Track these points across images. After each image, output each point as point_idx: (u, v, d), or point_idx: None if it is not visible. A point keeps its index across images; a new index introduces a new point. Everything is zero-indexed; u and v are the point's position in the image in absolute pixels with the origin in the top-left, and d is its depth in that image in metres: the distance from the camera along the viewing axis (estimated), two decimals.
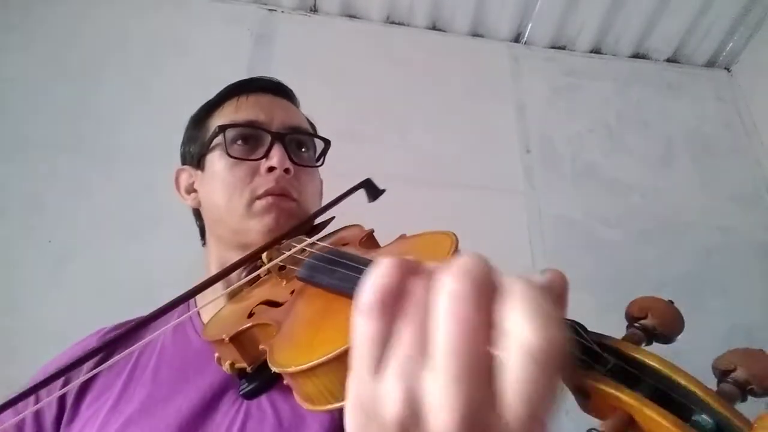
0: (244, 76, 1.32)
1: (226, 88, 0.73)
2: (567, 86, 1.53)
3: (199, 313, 0.67)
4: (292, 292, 0.50)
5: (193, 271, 0.87)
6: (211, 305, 0.65)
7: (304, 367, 0.34)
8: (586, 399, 0.24)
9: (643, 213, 1.38)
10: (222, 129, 0.65)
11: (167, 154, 1.22)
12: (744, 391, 0.24)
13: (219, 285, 0.65)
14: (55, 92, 1.23)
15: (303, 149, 0.70)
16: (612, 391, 0.23)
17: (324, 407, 0.35)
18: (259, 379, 0.51)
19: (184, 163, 0.74)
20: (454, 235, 0.43)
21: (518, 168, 1.38)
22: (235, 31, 1.40)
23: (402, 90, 1.41)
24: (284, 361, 0.37)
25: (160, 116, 1.24)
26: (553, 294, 0.26)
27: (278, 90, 0.74)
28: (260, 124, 0.65)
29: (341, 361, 0.32)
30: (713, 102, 1.59)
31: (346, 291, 0.40)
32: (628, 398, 0.23)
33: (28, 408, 0.60)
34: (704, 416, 0.22)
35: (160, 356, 0.61)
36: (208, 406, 0.53)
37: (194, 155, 0.71)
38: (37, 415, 0.60)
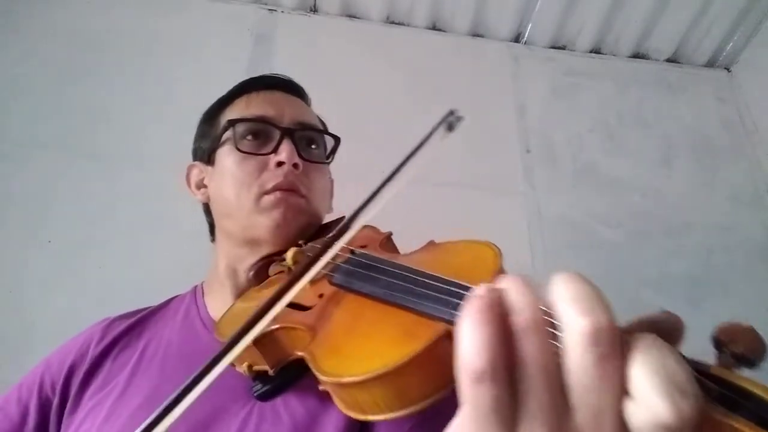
0: (244, 76, 1.32)
1: (237, 85, 0.73)
2: (567, 86, 1.53)
3: (206, 307, 0.67)
4: (321, 296, 0.48)
5: (193, 271, 0.87)
6: (218, 299, 0.66)
7: (360, 378, 0.33)
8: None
9: (643, 213, 1.38)
10: (232, 123, 0.65)
11: (167, 153, 1.22)
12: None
13: (226, 281, 0.65)
14: (55, 92, 1.23)
15: (313, 146, 0.69)
16: (722, 419, 0.23)
17: (376, 417, 0.35)
18: (275, 382, 0.50)
19: (195, 159, 0.74)
20: (496, 246, 0.41)
21: (518, 168, 1.38)
22: (235, 31, 1.40)
23: (402, 90, 1.41)
24: (334, 370, 0.36)
25: (160, 116, 1.25)
26: (674, 341, 0.26)
27: (289, 87, 0.74)
28: (270, 120, 0.65)
29: (399, 373, 0.32)
30: (713, 102, 1.59)
31: (393, 300, 0.39)
32: (739, 425, 0.23)
33: (32, 399, 0.60)
34: None
35: (167, 349, 0.61)
36: (219, 406, 0.52)
37: (205, 151, 0.70)
38: (42, 405, 0.60)
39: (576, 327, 0.23)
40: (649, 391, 0.21)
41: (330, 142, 0.73)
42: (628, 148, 1.47)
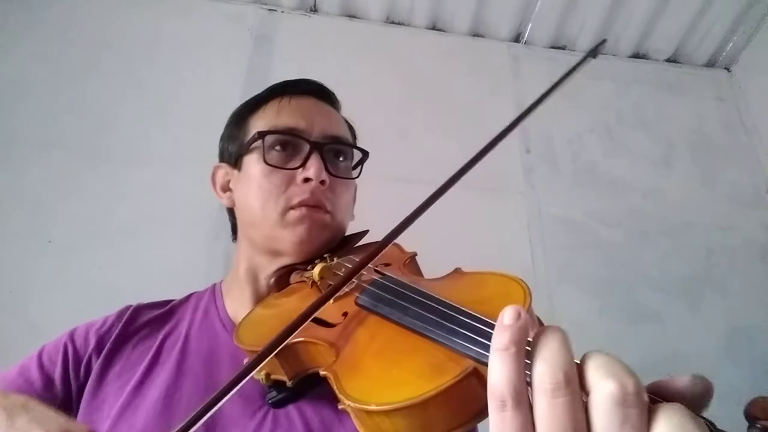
0: (244, 76, 1.34)
1: (268, 88, 0.72)
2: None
3: (225, 308, 0.67)
4: (345, 314, 0.48)
5: (193, 271, 0.87)
6: (237, 301, 0.66)
7: (387, 408, 0.34)
8: None
9: (643, 213, 1.38)
10: (261, 135, 0.64)
11: (168, 153, 1.23)
12: None
13: (246, 286, 0.66)
14: (55, 92, 1.23)
15: (341, 158, 0.69)
16: None
17: None
18: (290, 390, 0.50)
19: (221, 159, 0.73)
20: (526, 284, 0.41)
21: (518, 168, 1.38)
22: (235, 31, 1.40)
23: (402, 90, 1.41)
24: (361, 396, 0.37)
25: (160, 116, 1.25)
26: (700, 406, 0.27)
27: (321, 94, 0.73)
28: (300, 132, 0.65)
29: (426, 406, 0.33)
30: (713, 102, 1.59)
31: (422, 331, 0.39)
32: None
33: (55, 368, 0.60)
34: None
35: (185, 345, 0.61)
36: (233, 411, 0.53)
37: (232, 154, 0.70)
38: (65, 374, 0.60)
39: (604, 388, 0.25)
40: None
41: (358, 154, 0.73)
42: (628, 148, 1.47)
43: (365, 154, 0.72)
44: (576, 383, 0.25)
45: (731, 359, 1.21)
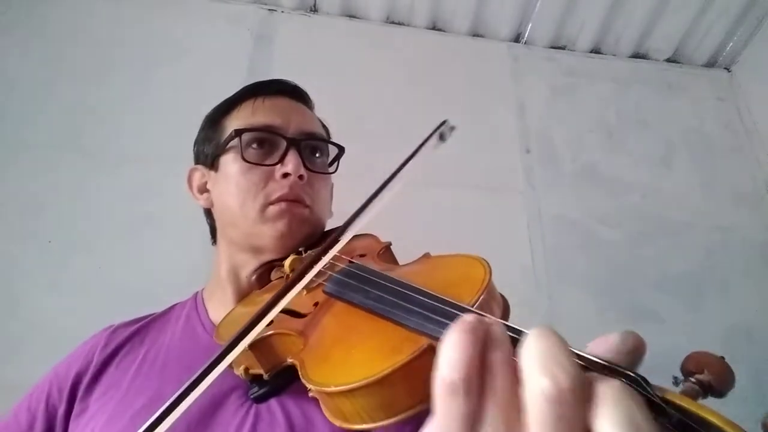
0: (244, 76, 1.34)
1: (242, 89, 0.73)
2: (567, 86, 1.53)
3: (206, 309, 0.68)
4: (316, 304, 0.50)
5: (193, 271, 0.87)
6: (219, 303, 0.67)
7: (345, 388, 0.35)
8: None
9: (643, 213, 1.38)
10: (238, 133, 0.65)
11: (168, 153, 1.22)
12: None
13: (228, 285, 0.66)
14: (55, 92, 1.23)
15: (317, 154, 0.71)
16: None
17: (359, 426, 0.36)
18: (271, 384, 0.51)
19: (197, 162, 0.74)
20: (487, 263, 0.42)
21: (518, 168, 1.38)
22: (235, 31, 1.40)
23: (402, 90, 1.41)
24: (321, 379, 0.38)
25: (160, 116, 1.25)
26: (634, 360, 0.27)
27: (295, 93, 0.74)
28: (276, 129, 0.66)
29: (382, 384, 0.34)
30: (713, 102, 1.59)
31: (382, 313, 0.41)
32: None
33: (39, 407, 0.62)
34: None
35: (168, 352, 0.62)
36: (216, 406, 0.54)
37: (208, 155, 0.71)
38: (48, 412, 0.61)
39: (536, 386, 0.23)
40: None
41: (333, 150, 0.74)
42: (627, 148, 1.47)
43: (341, 149, 0.74)
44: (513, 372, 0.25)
45: (731, 359, 1.21)
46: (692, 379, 0.28)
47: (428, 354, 0.33)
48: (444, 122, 0.39)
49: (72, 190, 1.13)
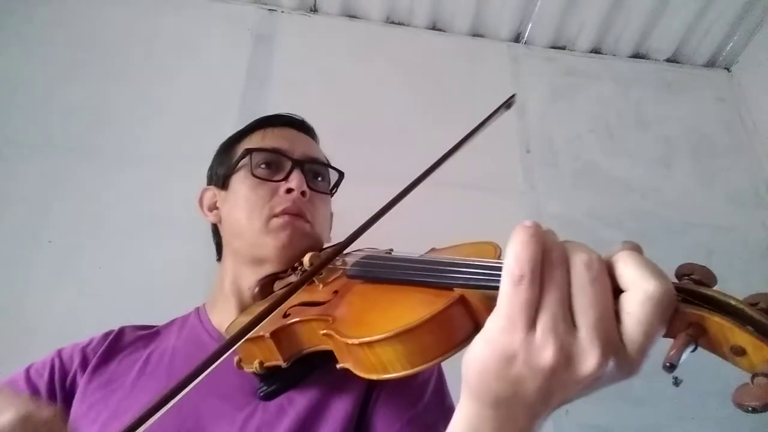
0: (244, 76, 1.34)
1: (254, 121, 0.80)
2: (567, 86, 1.53)
3: (210, 322, 0.71)
4: (335, 292, 0.52)
5: (193, 271, 0.87)
6: (222, 313, 0.70)
7: (387, 335, 0.37)
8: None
9: (643, 213, 1.38)
10: (249, 152, 0.71)
11: (168, 153, 1.23)
12: None
13: (231, 297, 0.70)
14: (56, 93, 1.23)
15: (319, 178, 0.76)
16: (686, 309, 0.31)
17: (397, 374, 0.38)
18: (279, 381, 0.53)
19: (209, 183, 0.80)
20: (497, 244, 0.46)
21: (518, 168, 1.38)
22: (235, 31, 1.40)
23: (402, 90, 1.41)
24: (363, 332, 0.39)
25: (160, 116, 1.25)
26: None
27: (302, 126, 0.80)
28: (284, 152, 0.72)
29: (423, 329, 0.37)
30: (713, 102, 1.59)
31: (411, 278, 0.43)
32: (699, 311, 0.31)
33: (41, 381, 0.64)
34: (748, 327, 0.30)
35: (174, 355, 0.65)
36: (224, 402, 0.56)
37: (220, 176, 0.76)
38: (50, 387, 0.63)
39: (577, 258, 0.32)
40: (640, 276, 0.31)
41: (334, 177, 0.80)
42: (627, 148, 1.47)
43: (341, 174, 0.80)
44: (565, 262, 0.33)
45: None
46: (686, 279, 0.35)
47: (461, 304, 0.37)
48: (513, 96, 0.44)
49: (71, 190, 1.14)
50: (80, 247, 1.08)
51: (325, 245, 0.74)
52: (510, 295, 0.31)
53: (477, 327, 0.35)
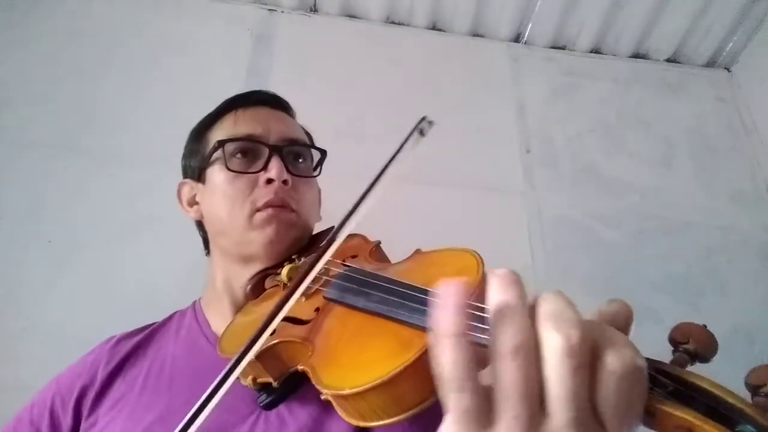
0: (244, 76, 1.34)
1: (224, 102, 0.75)
2: (567, 86, 1.53)
3: (208, 323, 0.68)
4: (317, 310, 0.50)
5: (193, 272, 0.87)
6: (218, 313, 0.68)
7: (359, 389, 0.36)
8: (651, 418, 0.28)
9: (643, 213, 1.38)
10: (221, 144, 0.66)
11: (167, 154, 1.22)
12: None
13: (224, 296, 0.67)
14: (55, 92, 1.23)
15: (300, 160, 0.71)
16: (676, 412, 0.26)
17: (376, 423, 0.37)
18: (280, 391, 0.52)
19: (185, 176, 0.76)
20: (478, 254, 0.43)
21: (518, 168, 1.38)
22: (235, 31, 1.40)
23: (402, 90, 1.41)
24: (335, 383, 0.39)
25: (160, 116, 1.25)
26: (622, 323, 0.30)
27: (275, 103, 0.75)
28: (258, 138, 0.67)
29: (395, 382, 0.35)
30: (713, 102, 1.59)
31: (386, 314, 0.42)
32: (689, 417, 0.26)
33: (43, 421, 0.61)
34: (748, 426, 0.26)
35: (174, 365, 0.62)
36: (227, 417, 0.54)
37: (195, 169, 0.72)
38: (53, 426, 0.61)
39: (552, 343, 0.25)
40: (611, 357, 0.25)
41: (317, 155, 0.75)
42: (628, 148, 1.47)
43: (323, 153, 0.75)
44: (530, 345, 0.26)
45: (731, 359, 1.21)
46: (681, 349, 0.30)
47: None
48: (423, 118, 0.40)
49: (72, 190, 1.13)
50: (80, 247, 1.08)
51: (316, 228, 0.72)
52: (454, 405, 0.26)
53: None
